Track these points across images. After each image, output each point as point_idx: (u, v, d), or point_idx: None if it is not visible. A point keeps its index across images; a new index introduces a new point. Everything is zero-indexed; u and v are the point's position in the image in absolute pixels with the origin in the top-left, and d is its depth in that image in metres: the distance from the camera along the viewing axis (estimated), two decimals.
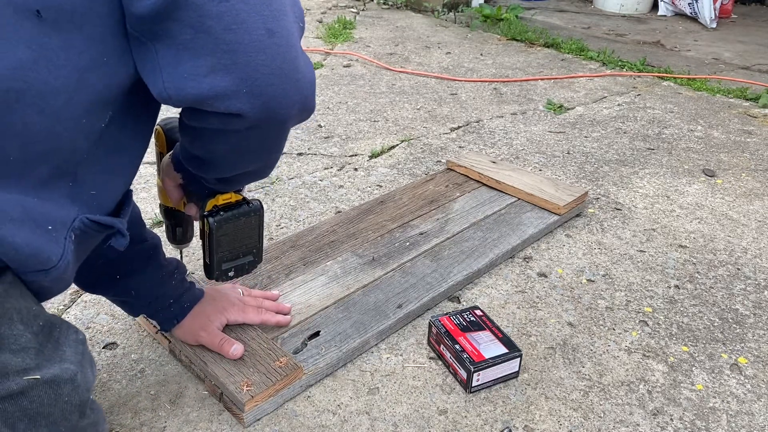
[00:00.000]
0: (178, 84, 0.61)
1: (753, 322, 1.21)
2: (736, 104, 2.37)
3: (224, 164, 0.77)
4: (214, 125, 0.67)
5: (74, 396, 0.63)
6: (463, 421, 0.96)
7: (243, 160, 0.76)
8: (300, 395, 0.99)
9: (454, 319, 1.08)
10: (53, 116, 0.59)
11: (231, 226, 0.90)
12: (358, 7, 3.68)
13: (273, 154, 0.77)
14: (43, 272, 0.62)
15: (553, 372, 1.06)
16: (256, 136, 0.69)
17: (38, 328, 0.62)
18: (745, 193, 1.70)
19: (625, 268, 1.35)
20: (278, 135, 0.72)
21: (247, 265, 0.96)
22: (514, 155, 1.86)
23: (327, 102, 2.21)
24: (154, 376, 1.01)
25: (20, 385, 0.59)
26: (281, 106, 0.65)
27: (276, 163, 0.82)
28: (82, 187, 0.66)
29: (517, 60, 2.82)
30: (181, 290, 0.97)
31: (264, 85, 0.62)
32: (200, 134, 0.71)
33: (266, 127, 0.67)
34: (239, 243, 0.93)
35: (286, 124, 0.68)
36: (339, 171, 1.72)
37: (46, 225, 0.61)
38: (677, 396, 1.03)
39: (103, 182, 0.68)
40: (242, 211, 0.91)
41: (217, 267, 0.93)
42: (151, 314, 0.97)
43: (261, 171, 0.82)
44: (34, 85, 0.58)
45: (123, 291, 0.93)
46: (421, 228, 1.39)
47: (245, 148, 0.72)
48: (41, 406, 0.60)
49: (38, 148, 0.60)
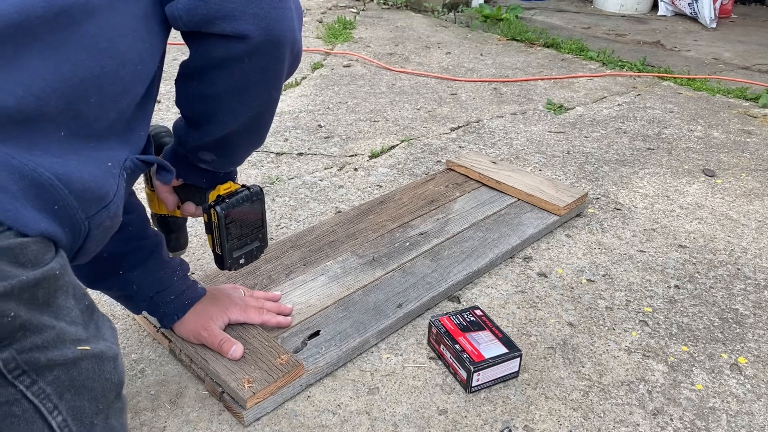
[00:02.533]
0: (192, 2, 0.67)
1: (753, 322, 1.21)
2: (736, 104, 2.37)
3: (227, 112, 0.79)
4: (219, 54, 0.71)
5: (114, 375, 0.65)
6: (463, 421, 0.96)
7: (245, 100, 0.78)
8: (300, 395, 0.99)
9: (454, 319, 1.08)
10: (120, 61, 0.64)
11: (237, 212, 0.92)
12: (358, 7, 3.68)
13: (272, 91, 0.79)
14: (104, 209, 0.65)
15: (553, 372, 1.06)
16: (257, 65, 0.73)
17: (84, 307, 0.64)
18: (745, 193, 1.70)
19: (625, 268, 1.35)
20: (277, 67, 0.75)
21: (255, 250, 0.98)
22: (514, 155, 1.86)
23: (327, 102, 2.21)
24: (154, 376, 1.01)
25: (75, 354, 0.61)
26: (280, 29, 0.70)
27: (273, 114, 0.84)
28: (134, 131, 0.71)
29: (517, 60, 2.82)
30: (183, 287, 0.98)
31: (267, 8, 0.68)
32: (204, 75, 0.75)
33: (266, 53, 0.72)
34: (246, 229, 0.95)
35: (284, 50, 0.73)
36: (339, 171, 1.72)
37: (106, 163, 0.65)
38: (677, 396, 1.03)
39: (144, 125, 0.74)
40: (245, 197, 0.92)
41: (229, 256, 0.94)
42: (152, 310, 0.98)
43: (259, 126, 0.84)
44: (106, 30, 0.62)
45: (125, 285, 0.93)
46: (421, 228, 1.39)
47: (247, 83, 0.75)
48: (87, 379, 0.62)
49: (111, 90, 0.64)
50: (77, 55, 0.60)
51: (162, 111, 1.97)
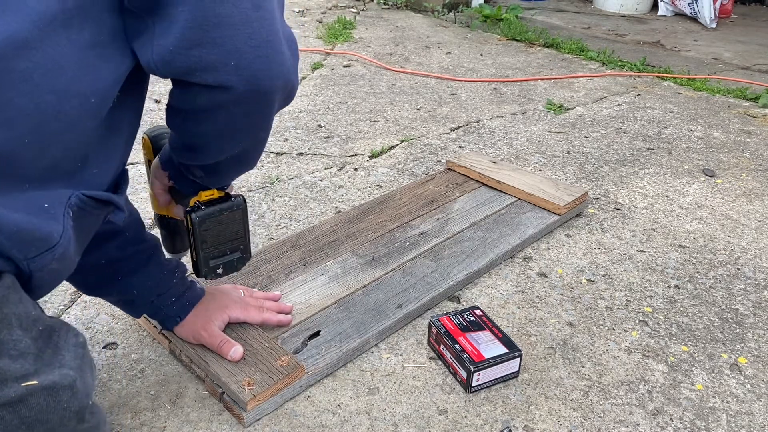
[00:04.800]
0: (169, 55, 0.62)
1: (753, 322, 1.21)
2: (736, 104, 2.37)
3: (213, 147, 0.77)
4: (202, 102, 0.68)
5: (73, 402, 0.63)
6: (463, 421, 0.96)
7: (232, 140, 0.76)
8: (300, 395, 0.99)
9: (454, 319, 1.08)
10: (62, 95, 0.60)
11: (214, 221, 0.90)
12: (358, 7, 3.68)
13: (261, 132, 0.77)
14: (49, 252, 0.62)
15: (553, 372, 1.06)
16: (243, 112, 0.69)
17: (37, 333, 0.62)
18: (745, 193, 1.70)
19: (625, 268, 1.35)
20: (264, 111, 0.72)
21: (236, 261, 0.96)
22: (514, 155, 1.86)
23: (327, 102, 2.21)
24: (154, 376, 1.01)
25: (18, 393, 0.58)
26: (267, 77, 0.66)
27: (263, 150, 0.82)
28: (87, 167, 0.67)
29: (517, 60, 2.82)
30: (182, 288, 0.98)
31: (251, 57, 0.64)
32: (189, 117, 0.72)
33: (253, 101, 0.68)
34: (224, 239, 0.92)
35: (271, 97, 0.69)
36: (339, 171, 1.72)
37: (42, 204, 0.62)
38: (677, 396, 1.03)
39: (104, 161, 0.69)
40: (224, 206, 0.90)
41: (204, 264, 0.92)
42: (152, 313, 0.98)
43: (249, 157, 0.82)
44: (41, 64, 0.58)
45: (125, 290, 0.93)
46: (421, 228, 1.39)
47: (233, 127, 0.72)
48: (39, 413, 0.60)
49: (51, 128, 0.60)
50: (4, 93, 0.56)
51: (162, 111, 1.97)
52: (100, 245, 0.86)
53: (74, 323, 1.11)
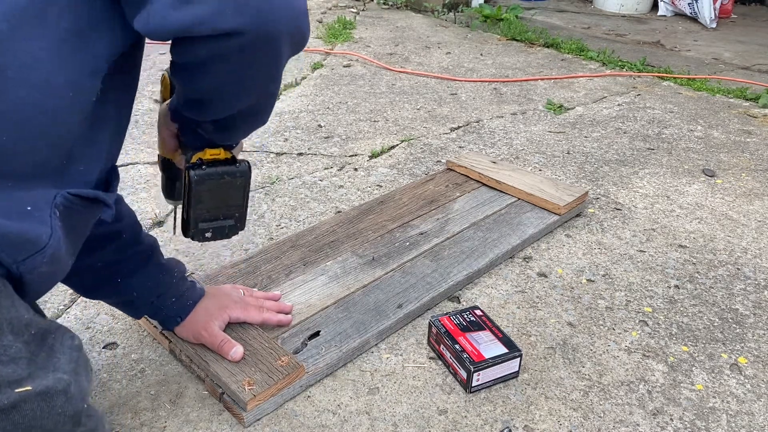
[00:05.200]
0: (163, 14, 0.58)
1: (753, 322, 1.21)
2: (736, 104, 2.37)
3: (222, 101, 0.72)
4: (205, 54, 0.63)
5: (68, 407, 0.62)
6: (463, 421, 0.96)
7: (240, 92, 0.71)
8: (300, 395, 0.99)
9: (454, 319, 1.08)
10: (39, 90, 0.58)
11: (213, 183, 0.85)
12: (358, 7, 3.68)
13: (270, 84, 0.72)
14: (38, 254, 0.61)
15: (553, 372, 1.06)
16: (249, 59, 0.65)
17: (30, 337, 0.61)
18: (745, 193, 1.70)
19: (625, 268, 1.35)
20: (272, 59, 0.67)
21: (227, 229, 0.91)
22: (514, 155, 1.86)
23: (327, 102, 2.21)
24: (154, 376, 1.01)
25: (11, 399, 0.57)
26: (270, 20, 0.61)
27: (274, 103, 0.77)
28: (75, 165, 0.65)
29: (517, 60, 2.82)
30: (182, 288, 0.98)
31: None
32: (194, 70, 0.67)
33: (257, 47, 0.63)
34: (221, 203, 0.87)
35: (277, 43, 0.64)
36: (339, 171, 1.72)
37: (27, 205, 0.60)
38: (677, 396, 1.03)
39: (90, 158, 0.67)
40: (227, 170, 0.85)
41: (194, 224, 0.88)
42: (153, 314, 0.97)
43: (259, 111, 0.77)
44: (15, 58, 0.56)
45: (124, 292, 0.93)
46: (421, 228, 1.39)
47: (241, 77, 0.68)
48: (33, 419, 0.59)
49: (35, 123, 0.58)
50: None
51: None
52: (97, 248, 0.86)
53: (74, 323, 1.11)
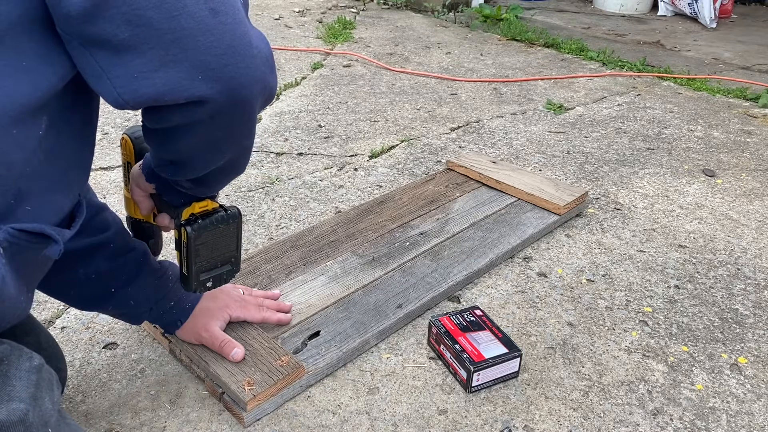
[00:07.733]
0: (130, 87, 0.57)
1: (753, 322, 1.21)
2: (736, 104, 2.37)
3: (197, 162, 0.73)
4: (178, 120, 0.63)
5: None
6: (463, 421, 0.96)
7: (215, 152, 0.71)
8: (300, 395, 0.99)
9: (454, 319, 1.08)
10: None
11: (209, 234, 0.87)
12: (358, 7, 3.68)
13: (244, 140, 0.73)
14: None
15: (553, 372, 1.06)
16: (222, 123, 0.65)
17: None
18: (745, 193, 1.70)
19: (625, 268, 1.35)
20: (245, 118, 0.67)
21: (225, 274, 0.93)
22: (514, 155, 1.86)
23: (327, 102, 2.21)
24: (154, 376, 1.01)
25: None
26: (241, 84, 0.62)
27: (250, 155, 0.78)
28: (20, 203, 0.61)
29: (517, 60, 2.82)
30: (179, 291, 0.97)
31: (218, 66, 0.59)
32: (166, 135, 0.68)
33: (230, 110, 0.64)
34: (217, 252, 0.90)
35: (250, 104, 0.65)
36: (339, 171, 1.72)
37: None
38: (677, 396, 1.03)
39: (42, 196, 0.63)
40: (220, 218, 0.87)
41: (195, 278, 0.89)
42: (153, 319, 0.96)
43: (236, 165, 0.78)
44: None
45: (121, 302, 0.91)
46: (421, 228, 1.39)
47: (214, 139, 0.68)
48: None
49: None
50: None
51: None
52: (87, 259, 0.84)
53: (74, 323, 1.11)
